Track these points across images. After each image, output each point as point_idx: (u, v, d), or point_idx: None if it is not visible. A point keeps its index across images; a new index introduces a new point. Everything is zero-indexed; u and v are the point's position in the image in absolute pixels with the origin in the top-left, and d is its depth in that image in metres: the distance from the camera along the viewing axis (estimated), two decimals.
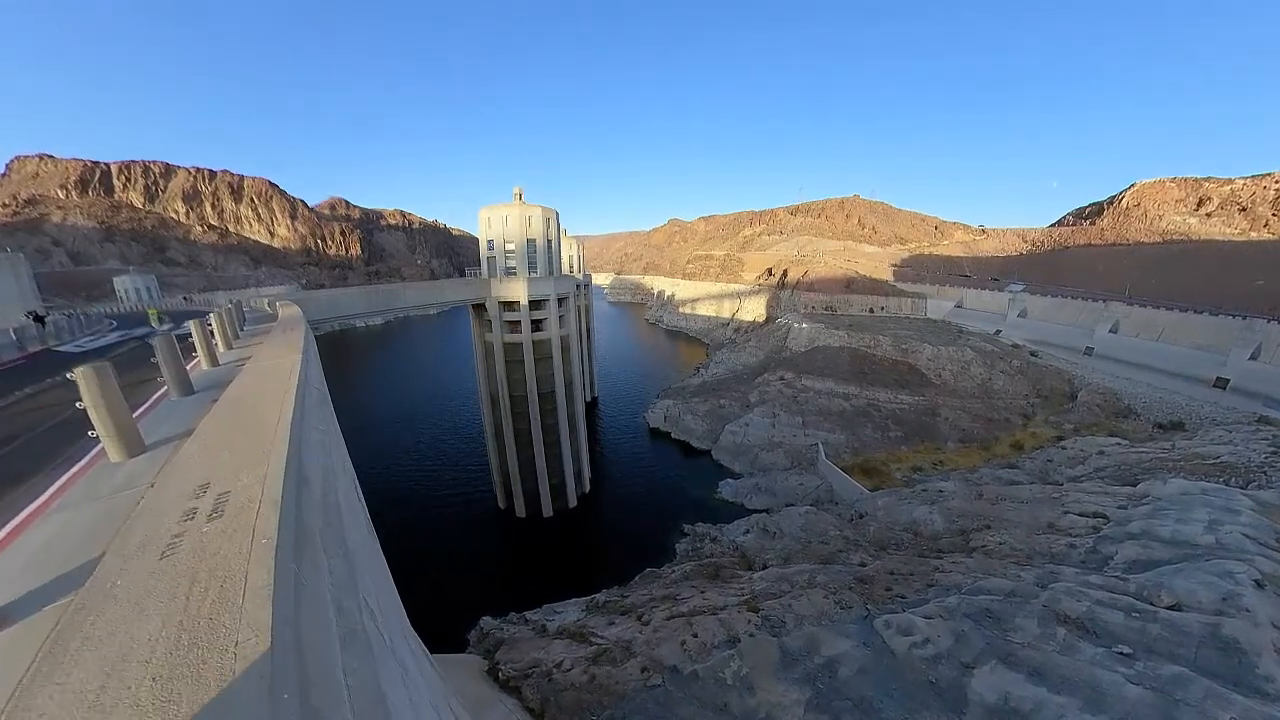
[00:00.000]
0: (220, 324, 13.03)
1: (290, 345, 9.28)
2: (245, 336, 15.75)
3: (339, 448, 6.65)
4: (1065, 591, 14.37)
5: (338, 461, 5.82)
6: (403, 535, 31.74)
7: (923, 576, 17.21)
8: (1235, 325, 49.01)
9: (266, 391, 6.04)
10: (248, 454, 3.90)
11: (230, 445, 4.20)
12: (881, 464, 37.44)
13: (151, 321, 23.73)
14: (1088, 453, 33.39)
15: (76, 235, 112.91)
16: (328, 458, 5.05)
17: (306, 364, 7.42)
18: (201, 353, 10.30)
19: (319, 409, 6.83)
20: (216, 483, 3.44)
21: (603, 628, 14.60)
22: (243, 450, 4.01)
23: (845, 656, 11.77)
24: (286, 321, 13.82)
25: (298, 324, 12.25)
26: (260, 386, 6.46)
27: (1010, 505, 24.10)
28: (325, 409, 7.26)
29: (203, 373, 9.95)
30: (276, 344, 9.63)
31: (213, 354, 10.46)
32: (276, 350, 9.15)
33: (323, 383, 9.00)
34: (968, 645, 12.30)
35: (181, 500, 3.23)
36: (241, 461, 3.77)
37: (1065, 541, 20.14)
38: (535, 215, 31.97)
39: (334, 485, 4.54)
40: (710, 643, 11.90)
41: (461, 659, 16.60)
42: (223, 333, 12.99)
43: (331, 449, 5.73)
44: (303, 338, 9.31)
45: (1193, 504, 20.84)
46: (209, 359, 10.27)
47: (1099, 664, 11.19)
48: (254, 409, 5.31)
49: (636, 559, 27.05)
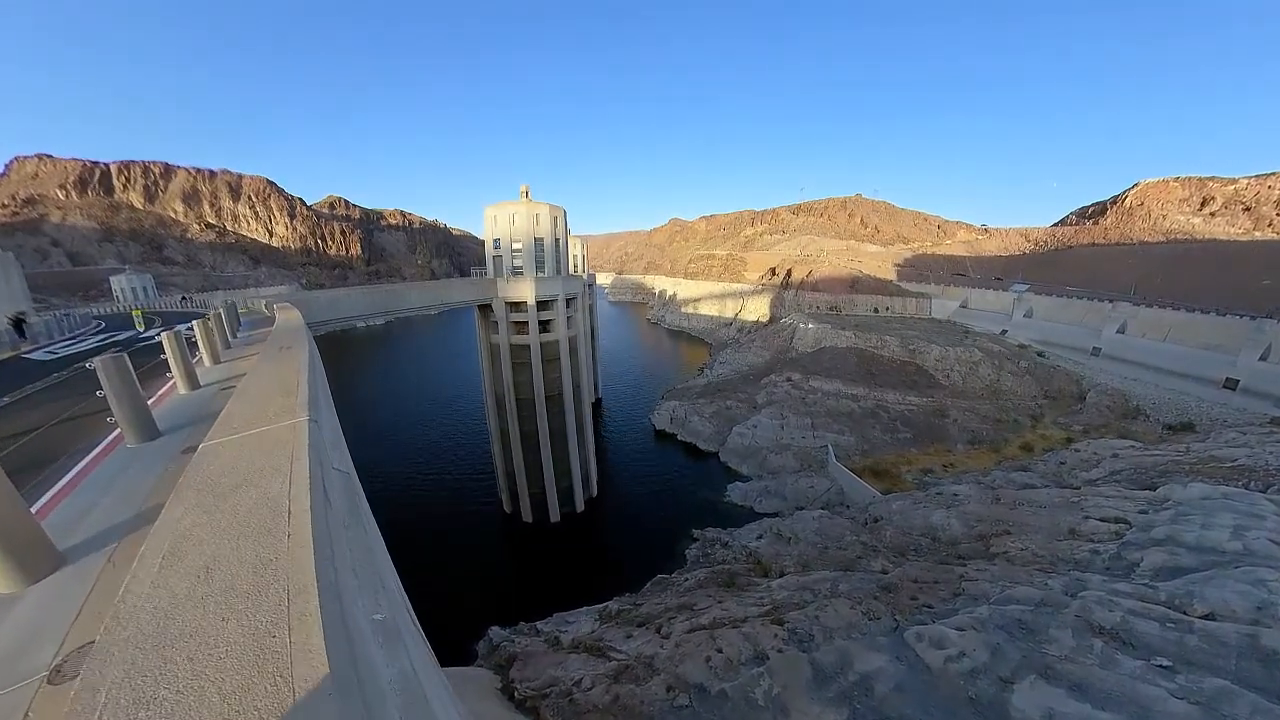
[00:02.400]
0: (205, 334, 10.95)
1: (286, 386, 5.47)
2: (239, 344, 14.18)
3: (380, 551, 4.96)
4: (1096, 601, 13.98)
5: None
6: (404, 540, 31.21)
7: (948, 585, 16.80)
8: (1244, 326, 48.65)
9: (254, 506, 2.85)
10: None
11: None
12: (891, 466, 37.07)
13: (136, 324, 22.20)
14: (1101, 455, 33.03)
15: (75, 235, 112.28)
16: None
17: (315, 409, 4.62)
18: (177, 373, 8.58)
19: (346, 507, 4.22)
20: None
21: (620, 641, 14.13)
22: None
23: (880, 672, 11.33)
24: (284, 334, 10.28)
25: (298, 338, 9.10)
26: (253, 463, 3.38)
27: (1028, 510, 23.72)
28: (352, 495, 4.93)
29: (177, 400, 8.28)
30: (268, 382, 5.79)
31: (192, 373, 8.72)
32: (269, 391, 5.37)
33: (339, 435, 6.63)
34: (1004, 659, 11.89)
35: None
36: None
37: (1088, 547, 19.77)
38: (543, 213, 31.42)
39: None
40: (736, 659, 11.44)
41: (471, 673, 16.09)
42: (209, 343, 11.05)
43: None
44: (305, 366, 6.33)
45: (1215, 509, 20.49)
46: (186, 381, 8.60)
47: (1140, 678, 10.79)
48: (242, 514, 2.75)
49: (647, 565, 26.63)
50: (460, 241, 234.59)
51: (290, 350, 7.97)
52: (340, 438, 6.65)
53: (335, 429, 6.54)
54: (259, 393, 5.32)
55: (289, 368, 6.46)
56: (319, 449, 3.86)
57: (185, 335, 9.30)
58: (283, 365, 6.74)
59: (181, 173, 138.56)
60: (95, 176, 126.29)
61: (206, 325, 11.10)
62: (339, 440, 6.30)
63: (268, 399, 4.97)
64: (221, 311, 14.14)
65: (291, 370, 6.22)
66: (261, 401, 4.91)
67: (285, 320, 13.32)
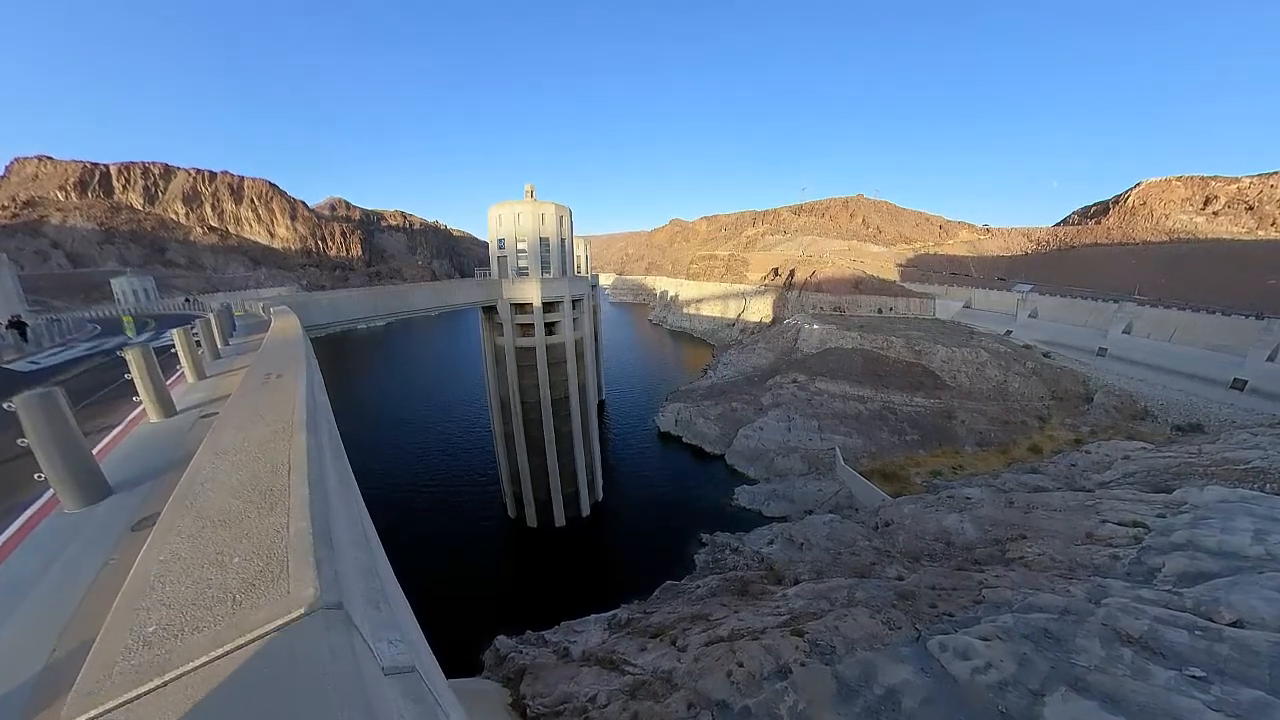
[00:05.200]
0: (187, 345, 9.13)
1: (273, 461, 3.49)
2: (231, 353, 12.67)
3: None
4: (1121, 608, 13.67)
5: None
6: (407, 547, 30.84)
7: (967, 592, 16.47)
8: (1251, 326, 48.40)
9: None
10: None
11: None
12: (900, 468, 36.76)
13: (126, 330, 20.52)
14: (1113, 457, 32.70)
15: (75, 237, 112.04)
16: None
17: (323, 516, 2.73)
18: (146, 399, 7.10)
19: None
20: None
21: (634, 654, 13.78)
22: None
23: (906, 686, 11.00)
24: (275, 352, 8.32)
25: (293, 358, 7.32)
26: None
27: (1043, 514, 23.40)
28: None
29: (145, 434, 6.69)
30: (242, 459, 3.60)
31: (165, 398, 7.27)
32: (244, 469, 3.47)
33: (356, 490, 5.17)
34: (1033, 670, 11.58)
35: None
36: None
37: (1107, 552, 19.45)
38: (549, 212, 31.08)
39: None
40: (758, 673, 11.11)
41: (479, 686, 15.70)
42: (191, 356, 9.22)
43: None
44: (302, 399, 4.80)
45: (1235, 512, 20.19)
46: (159, 408, 7.16)
47: (1174, 689, 10.47)
48: None
49: (655, 571, 26.28)
50: (460, 243, 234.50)
51: (282, 381, 5.83)
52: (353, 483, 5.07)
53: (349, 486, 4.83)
54: (232, 465, 3.48)
55: (276, 420, 4.30)
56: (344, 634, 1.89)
57: (145, 356, 7.70)
58: (267, 416, 4.46)
59: (181, 174, 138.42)
60: (95, 178, 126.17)
61: (188, 335, 9.26)
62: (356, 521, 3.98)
63: (241, 492, 3.06)
64: (211, 317, 12.61)
65: (280, 425, 4.15)
66: (230, 492, 3.07)
67: (279, 333, 10.74)
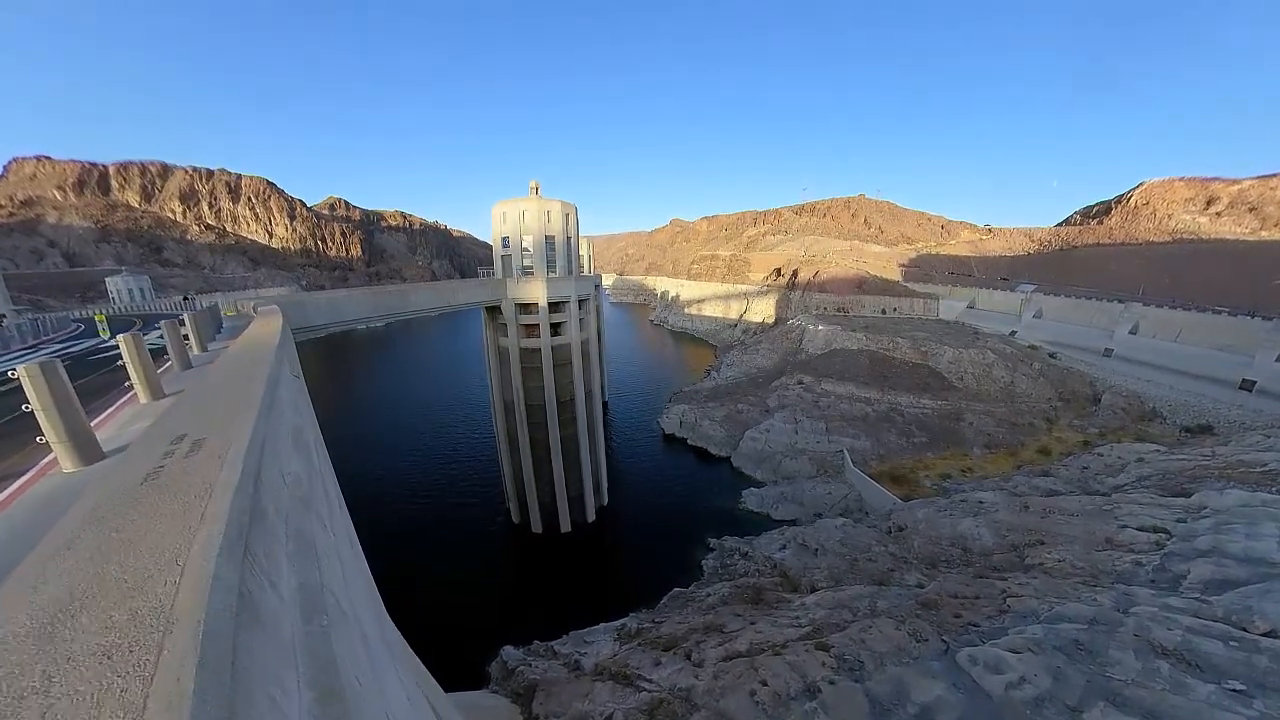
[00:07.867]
0: (136, 356, 7.07)
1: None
2: (204, 361, 10.82)
3: None
4: (1152, 618, 13.25)
5: None
6: (408, 553, 30.32)
7: (990, 600, 16.02)
8: (1260, 326, 48.04)
9: None
10: None
11: None
12: (909, 471, 36.32)
13: (100, 331, 19.75)
14: (1125, 460, 32.30)
15: (72, 236, 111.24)
16: None
17: None
18: (54, 439, 4.93)
19: None
20: None
21: (648, 668, 13.29)
22: None
23: (940, 703, 10.55)
24: (229, 377, 6.38)
25: (245, 404, 4.84)
26: None
27: (1060, 518, 22.96)
28: None
29: (40, 494, 4.67)
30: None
31: (83, 436, 5.18)
32: None
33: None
34: (1068, 684, 11.15)
35: None
36: None
37: (1129, 559, 19.01)
38: (555, 210, 30.50)
39: None
40: (785, 692, 10.62)
41: (487, 702, 15.15)
42: (141, 370, 7.21)
43: None
44: (225, 512, 2.62)
45: (1257, 517, 19.78)
46: (73, 451, 5.07)
47: (1216, 704, 10.06)
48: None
49: (663, 577, 25.81)
50: (461, 243, 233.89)
51: (196, 462, 3.41)
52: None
53: None
54: None
55: (148, 581, 2.06)
56: None
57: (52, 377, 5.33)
58: (132, 565, 2.19)
59: (179, 172, 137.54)
60: (94, 178, 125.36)
61: (135, 342, 7.04)
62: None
63: None
64: (186, 317, 10.91)
65: (148, 604, 1.91)
66: None
67: (247, 344, 8.12)
